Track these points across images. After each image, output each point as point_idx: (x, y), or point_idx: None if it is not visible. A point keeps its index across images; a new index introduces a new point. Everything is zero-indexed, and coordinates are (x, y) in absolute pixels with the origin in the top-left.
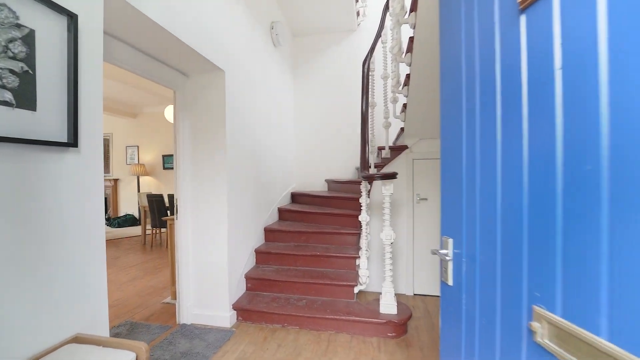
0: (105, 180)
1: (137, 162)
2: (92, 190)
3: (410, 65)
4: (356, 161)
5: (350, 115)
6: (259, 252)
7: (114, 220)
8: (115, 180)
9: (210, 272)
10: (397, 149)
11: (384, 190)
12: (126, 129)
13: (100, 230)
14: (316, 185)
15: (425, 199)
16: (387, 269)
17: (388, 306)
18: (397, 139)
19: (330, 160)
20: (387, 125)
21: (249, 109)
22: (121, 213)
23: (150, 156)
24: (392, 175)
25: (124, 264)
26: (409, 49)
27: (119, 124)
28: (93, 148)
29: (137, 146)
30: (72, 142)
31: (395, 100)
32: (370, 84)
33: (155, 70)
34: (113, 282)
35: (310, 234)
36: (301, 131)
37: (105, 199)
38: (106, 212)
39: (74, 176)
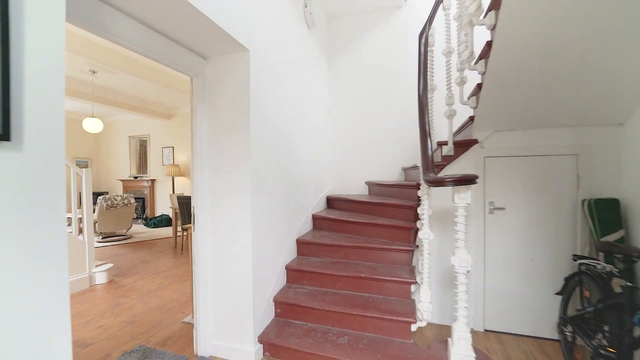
0: (143, 180)
1: (172, 163)
2: (44, 201)
3: (494, 29)
4: (403, 160)
5: (395, 108)
6: (290, 270)
7: (150, 221)
8: (152, 181)
9: (233, 294)
10: (463, 145)
11: (457, 199)
12: (162, 130)
13: (60, 264)
14: (354, 188)
15: (502, 209)
16: (461, 305)
17: (462, 357)
18: (459, 131)
19: (371, 160)
20: (451, 114)
21: (277, 100)
22: (157, 213)
23: (184, 157)
24: (470, 179)
25: (152, 270)
26: (495, 4)
27: (156, 126)
28: (46, 144)
29: (172, 147)
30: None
31: (462, 82)
32: (428, 62)
33: (168, 51)
34: (138, 291)
35: (352, 249)
36: (337, 126)
37: (143, 199)
38: (144, 212)
39: (5, 182)
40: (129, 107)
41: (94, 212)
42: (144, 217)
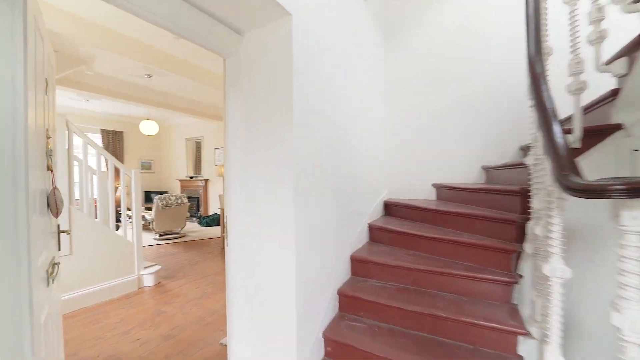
0: (197, 180)
1: (222, 164)
2: None
3: None
4: (484, 157)
5: (472, 97)
6: (344, 295)
7: (203, 219)
8: (206, 181)
9: (271, 327)
10: (596, 132)
11: (626, 218)
12: (215, 132)
13: None
14: (417, 191)
15: None
16: None
17: None
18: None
19: (439, 158)
20: (579, 89)
21: (326, 81)
22: (210, 212)
23: None
24: None
25: (199, 273)
26: None
27: (209, 127)
28: None
29: (223, 148)
30: None
31: (600, 37)
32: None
33: (197, 25)
34: (182, 298)
35: (424, 273)
36: (395, 117)
37: (198, 198)
38: (198, 210)
39: None
40: (183, 109)
41: (151, 210)
42: (198, 215)
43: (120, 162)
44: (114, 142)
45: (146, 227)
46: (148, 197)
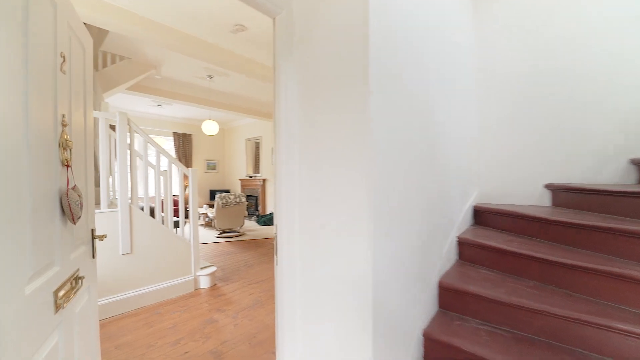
0: (256, 179)
1: None
2: None
3: None
4: (626, 147)
5: (602, 60)
6: (432, 341)
7: (261, 218)
8: (264, 180)
9: None
10: None
11: None
12: (271, 132)
13: None
14: (521, 194)
15: None
16: None
17: None
18: None
19: (555, 147)
20: None
21: (410, 49)
22: (267, 211)
23: None
24: None
25: (253, 277)
26: None
27: (267, 127)
28: None
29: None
30: None
31: None
32: None
33: None
34: (234, 305)
35: (562, 321)
36: (490, 87)
37: (256, 197)
38: (257, 209)
39: None
40: (242, 109)
41: (212, 208)
42: (257, 214)
43: (190, 162)
44: (184, 144)
45: (209, 225)
46: (213, 195)
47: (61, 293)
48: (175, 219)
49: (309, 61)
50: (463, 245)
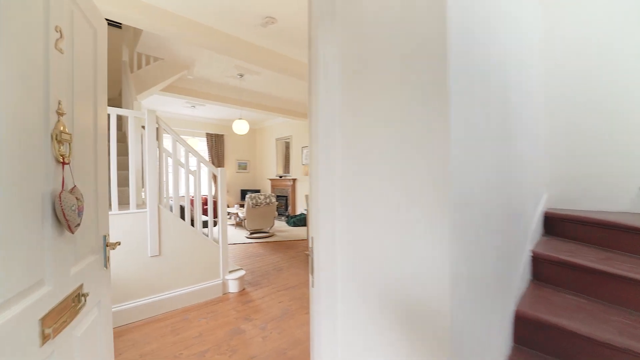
0: (286, 179)
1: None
2: None
3: None
4: None
5: None
6: None
7: (291, 219)
8: (294, 180)
9: None
10: None
11: None
12: (302, 130)
13: None
14: (604, 197)
15: None
16: None
17: None
18: None
19: None
20: None
21: (490, 23)
22: (297, 212)
23: None
24: None
25: (283, 283)
26: None
27: (297, 126)
28: None
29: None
30: None
31: None
32: None
33: None
34: (262, 314)
35: None
36: (563, 67)
37: (286, 197)
38: (286, 209)
39: None
40: (272, 109)
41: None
42: (287, 214)
43: (222, 163)
44: (216, 144)
45: (240, 225)
46: (244, 195)
47: (52, 319)
48: (204, 218)
49: (357, 30)
50: (540, 262)
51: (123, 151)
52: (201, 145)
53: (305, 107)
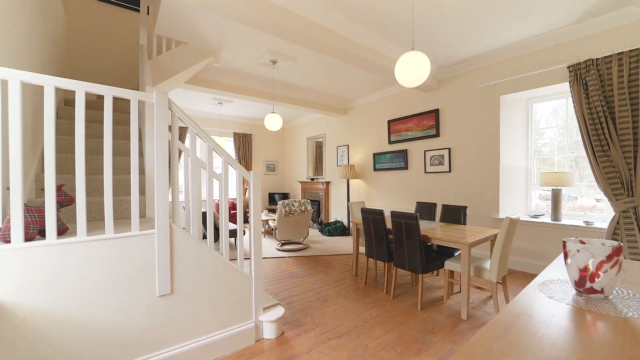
0: (318, 182)
1: (347, 163)
2: None
3: None
4: None
5: None
6: None
7: (325, 227)
8: (327, 183)
9: None
10: None
11: None
12: (337, 128)
13: None
14: None
15: None
16: None
17: None
18: None
19: None
20: None
21: None
22: (331, 218)
23: (359, 156)
24: None
25: (332, 323)
26: None
27: (331, 124)
28: None
29: (347, 145)
30: None
31: None
32: None
33: None
34: None
35: None
36: None
37: (318, 202)
38: (319, 216)
39: None
40: (307, 103)
41: (274, 213)
42: (319, 221)
43: (249, 164)
44: (244, 144)
45: (269, 233)
46: (272, 198)
47: None
48: (232, 226)
49: None
50: None
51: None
52: (228, 146)
53: (342, 102)
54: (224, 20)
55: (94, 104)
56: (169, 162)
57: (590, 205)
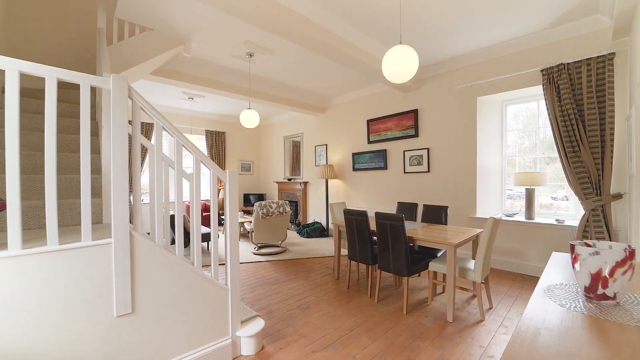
0: (296, 183)
1: (325, 163)
2: None
3: None
4: None
5: None
6: None
7: (303, 229)
8: (305, 184)
9: None
10: None
11: None
12: (315, 127)
13: None
14: None
15: None
16: None
17: None
18: None
19: None
20: None
21: None
22: (309, 219)
23: (338, 156)
24: None
25: (315, 332)
26: None
27: (309, 123)
28: None
29: (326, 145)
30: None
31: None
32: None
33: None
34: None
35: None
36: None
37: (296, 202)
38: (296, 217)
39: None
40: (284, 100)
41: (250, 214)
42: (297, 222)
43: (223, 164)
44: (217, 142)
45: (244, 235)
46: (247, 199)
47: None
48: (205, 229)
49: None
50: None
51: (94, 149)
52: (200, 145)
53: (321, 100)
54: (195, 4)
55: (43, 93)
56: (129, 158)
57: (548, 203)
